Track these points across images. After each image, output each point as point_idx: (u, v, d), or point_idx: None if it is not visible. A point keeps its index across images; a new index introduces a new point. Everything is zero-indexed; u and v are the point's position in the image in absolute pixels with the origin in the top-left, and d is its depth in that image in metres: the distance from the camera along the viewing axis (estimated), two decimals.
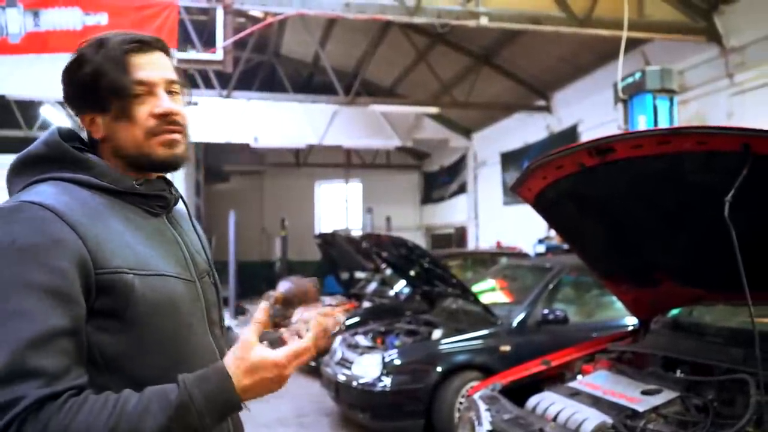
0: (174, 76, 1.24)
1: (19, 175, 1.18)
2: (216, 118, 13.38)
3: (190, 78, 11.46)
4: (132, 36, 1.20)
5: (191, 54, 8.00)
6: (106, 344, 1.06)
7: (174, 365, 1.10)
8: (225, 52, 7.38)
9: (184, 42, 8.41)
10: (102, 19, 6.19)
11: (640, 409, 2.58)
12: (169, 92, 1.22)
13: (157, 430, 0.98)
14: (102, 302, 1.06)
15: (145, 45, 1.20)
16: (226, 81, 11.25)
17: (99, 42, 1.19)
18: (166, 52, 1.25)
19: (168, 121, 1.19)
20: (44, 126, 11.64)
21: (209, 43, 8.21)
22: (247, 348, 1.07)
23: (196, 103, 11.36)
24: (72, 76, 1.19)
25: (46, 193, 1.10)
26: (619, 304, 4.97)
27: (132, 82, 1.17)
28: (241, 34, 8.06)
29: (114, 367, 1.07)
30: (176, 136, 1.21)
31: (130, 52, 1.18)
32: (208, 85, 11.72)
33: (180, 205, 1.34)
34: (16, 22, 6.14)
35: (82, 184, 1.15)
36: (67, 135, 1.22)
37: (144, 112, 1.18)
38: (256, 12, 9.58)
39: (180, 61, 6.98)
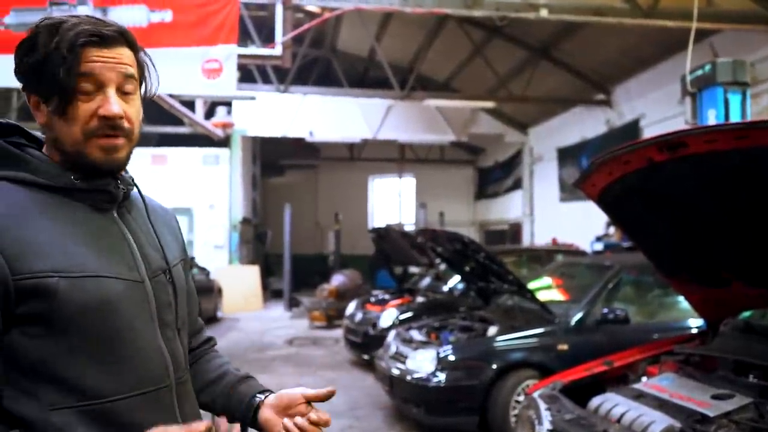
0: (132, 71, 1.14)
1: None
2: (273, 112, 13.62)
3: (248, 73, 11.68)
4: (92, 29, 1.10)
5: (251, 49, 8.15)
6: (29, 349, 1.02)
7: (110, 368, 1.07)
8: (284, 48, 7.48)
9: (244, 38, 8.56)
10: (166, 15, 6.35)
11: (711, 414, 2.49)
12: (123, 92, 1.13)
13: None
14: (25, 308, 1.02)
15: (105, 39, 1.11)
16: (283, 76, 11.40)
17: (55, 27, 1.09)
18: (131, 45, 1.16)
19: (112, 125, 1.11)
20: None
21: (268, 38, 8.34)
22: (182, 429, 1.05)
23: (253, 98, 11.57)
24: (21, 56, 1.11)
25: None
26: (682, 305, 4.81)
27: (78, 80, 1.08)
28: (299, 30, 8.15)
29: (38, 371, 1.03)
30: (118, 141, 1.13)
31: (86, 45, 1.09)
32: (266, 80, 11.90)
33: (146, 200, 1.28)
34: None
35: (17, 181, 1.09)
36: (7, 128, 1.15)
37: (88, 110, 1.10)
38: (313, 7, 9.67)
39: (240, 56, 7.11)
